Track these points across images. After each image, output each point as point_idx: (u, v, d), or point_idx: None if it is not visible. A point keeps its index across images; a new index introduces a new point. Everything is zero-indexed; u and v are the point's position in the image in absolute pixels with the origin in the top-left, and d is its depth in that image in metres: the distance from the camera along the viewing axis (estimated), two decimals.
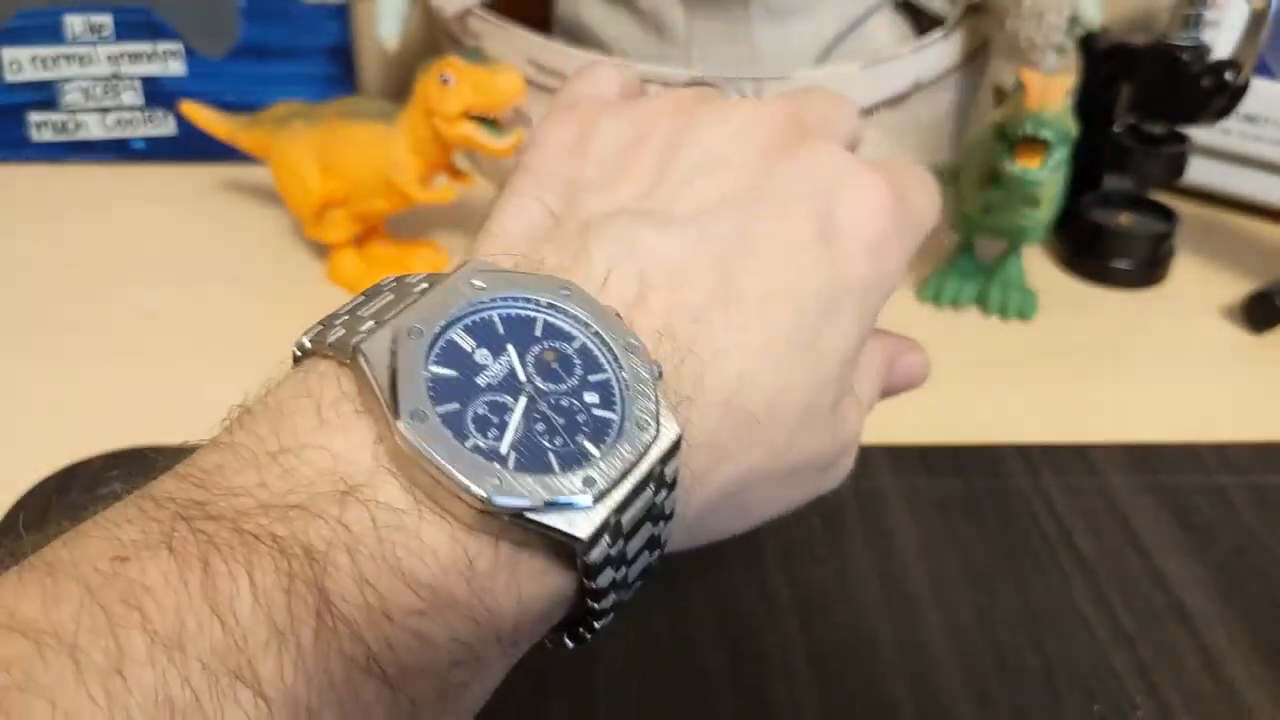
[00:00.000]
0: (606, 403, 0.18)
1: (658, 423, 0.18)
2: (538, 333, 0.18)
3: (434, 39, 0.54)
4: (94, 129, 0.53)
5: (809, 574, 0.30)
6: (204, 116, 0.47)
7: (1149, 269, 0.46)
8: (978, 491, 0.34)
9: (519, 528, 0.16)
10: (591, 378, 0.18)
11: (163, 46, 0.52)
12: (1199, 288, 0.46)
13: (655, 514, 0.18)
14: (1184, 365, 0.41)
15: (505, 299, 0.18)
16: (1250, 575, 0.31)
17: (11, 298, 0.44)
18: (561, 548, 0.17)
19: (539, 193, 0.22)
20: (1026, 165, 0.38)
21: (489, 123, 0.40)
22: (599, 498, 0.17)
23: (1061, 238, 0.47)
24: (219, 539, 0.15)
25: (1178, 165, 0.45)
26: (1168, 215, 0.47)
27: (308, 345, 0.18)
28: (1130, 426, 0.37)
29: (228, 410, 0.18)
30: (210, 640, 0.14)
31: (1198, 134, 0.47)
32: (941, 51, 0.47)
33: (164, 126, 0.53)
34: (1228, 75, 0.42)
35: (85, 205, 0.51)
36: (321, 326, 0.18)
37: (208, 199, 0.51)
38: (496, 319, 0.18)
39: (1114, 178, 0.48)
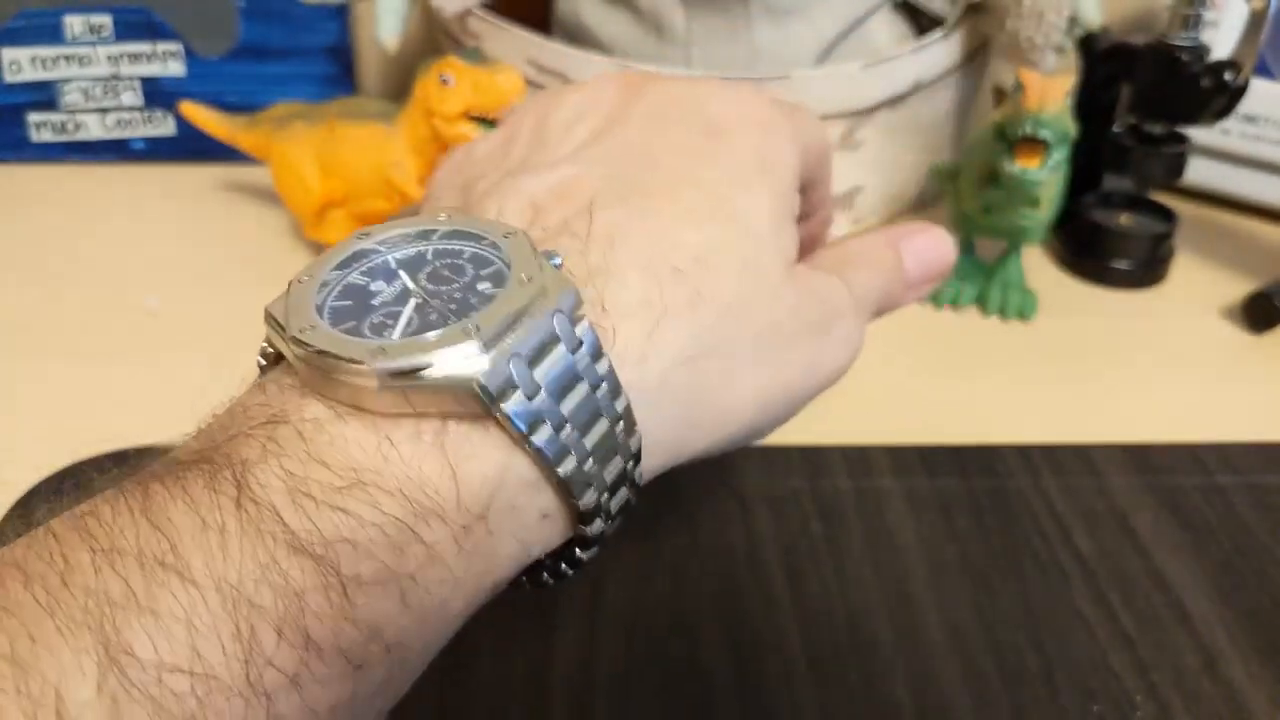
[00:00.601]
0: (497, 283, 0.19)
1: (542, 276, 0.19)
2: (429, 257, 0.20)
3: (433, 39, 0.54)
4: (94, 129, 0.53)
5: (809, 574, 0.30)
6: (203, 117, 0.47)
7: (1149, 269, 0.46)
8: (978, 491, 0.34)
9: (421, 394, 0.17)
10: (483, 272, 0.19)
11: (162, 47, 0.52)
12: (1199, 288, 0.46)
13: (583, 374, 0.18)
14: (1184, 365, 0.41)
15: (395, 241, 0.20)
16: (1250, 575, 0.31)
17: (11, 298, 0.44)
18: (484, 417, 0.17)
19: (436, 203, 0.24)
20: (1026, 165, 0.38)
21: (488, 123, 0.40)
22: (488, 345, 0.17)
23: (1061, 238, 0.47)
24: (161, 474, 0.17)
25: (1177, 165, 0.45)
26: (1167, 215, 0.47)
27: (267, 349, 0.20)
28: (1130, 426, 0.37)
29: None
30: (143, 542, 0.15)
31: (1197, 134, 0.47)
32: (941, 51, 0.47)
33: (163, 127, 0.53)
34: (1227, 75, 0.42)
35: (85, 206, 0.51)
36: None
37: (207, 199, 0.51)
38: (391, 261, 0.20)
39: (1114, 178, 0.48)
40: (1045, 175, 0.38)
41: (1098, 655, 0.28)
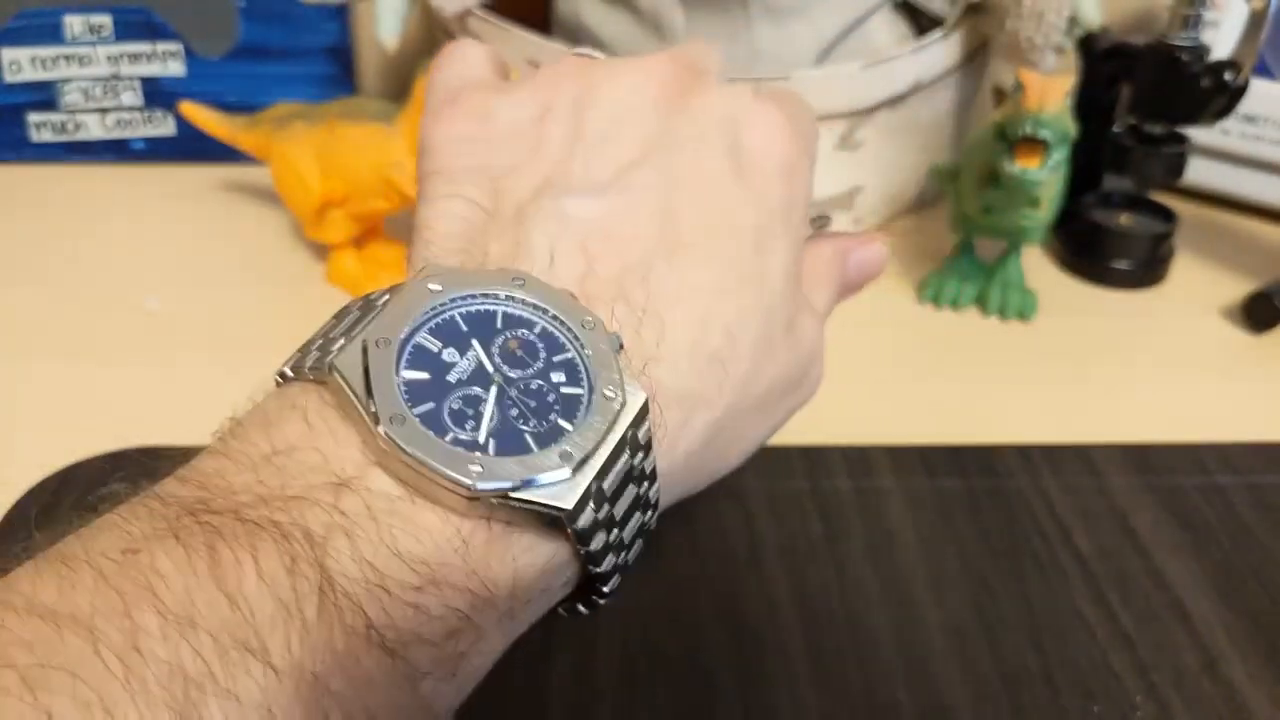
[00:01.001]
0: (574, 380, 0.19)
1: (624, 391, 0.19)
2: (499, 324, 0.19)
3: (433, 39, 0.54)
4: (93, 129, 0.53)
5: (809, 574, 0.30)
6: (203, 117, 0.47)
7: (1148, 269, 0.46)
8: (977, 491, 0.34)
9: (507, 507, 0.17)
10: (556, 358, 0.19)
11: (162, 47, 0.52)
12: (1198, 288, 0.46)
13: (636, 476, 0.19)
14: (1183, 365, 0.41)
15: (463, 298, 0.19)
16: (1249, 575, 0.31)
17: (11, 298, 0.44)
18: (551, 520, 0.18)
19: (457, 190, 0.22)
20: (1026, 165, 0.38)
21: None
22: (577, 468, 0.18)
23: (1061, 238, 0.47)
24: (223, 528, 0.16)
25: (1177, 166, 0.45)
26: (1167, 215, 0.47)
27: (288, 373, 0.19)
28: (1130, 426, 0.37)
29: (219, 422, 0.18)
30: (219, 617, 0.15)
31: (1197, 134, 0.47)
32: (941, 52, 0.47)
33: (163, 127, 0.53)
34: (1227, 75, 0.42)
35: (84, 206, 0.51)
36: (299, 354, 0.19)
37: (207, 199, 0.51)
38: (458, 318, 0.19)
39: (1113, 178, 0.48)
40: (1045, 175, 0.38)
41: (1097, 655, 0.28)
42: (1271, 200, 0.51)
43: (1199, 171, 0.50)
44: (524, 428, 0.18)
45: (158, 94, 0.53)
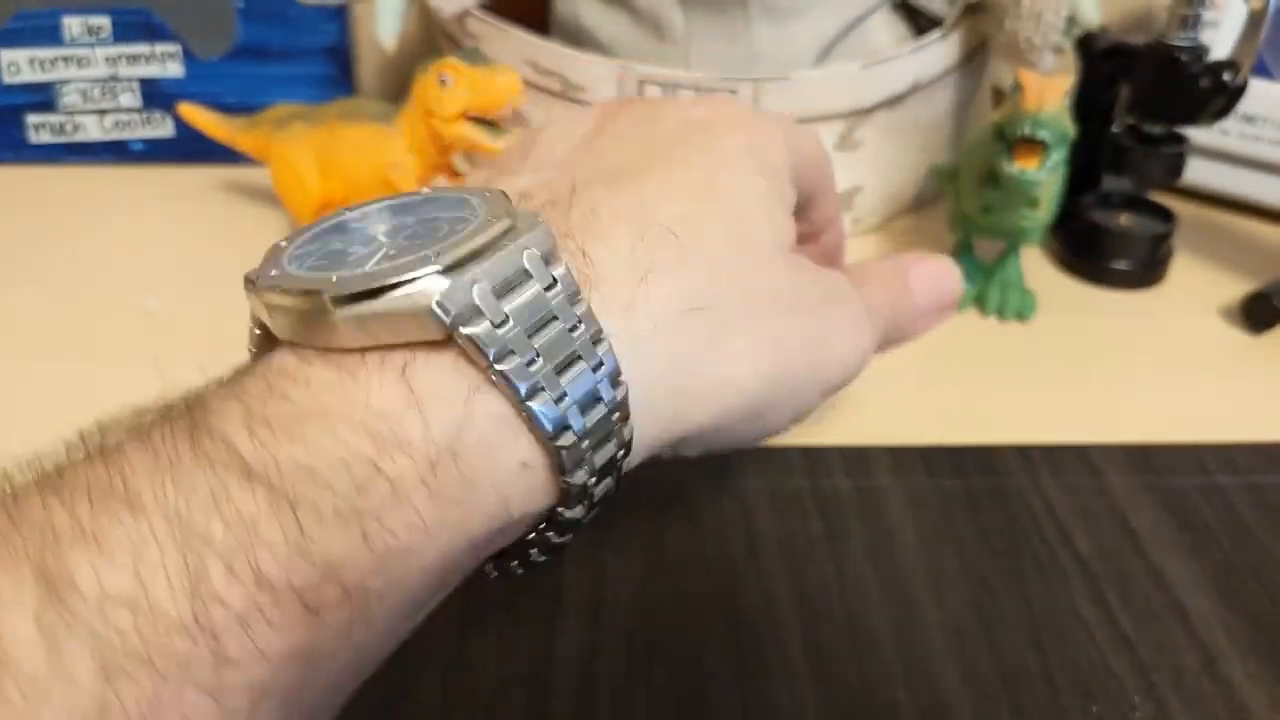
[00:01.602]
0: (463, 210, 0.19)
1: (516, 216, 0.18)
2: (409, 223, 0.20)
3: (432, 40, 0.54)
4: (92, 131, 0.53)
5: (809, 573, 0.30)
6: (202, 118, 0.47)
7: (1148, 269, 0.46)
8: (977, 491, 0.34)
9: (385, 321, 0.17)
10: (458, 226, 0.19)
11: (161, 48, 0.52)
12: (1198, 288, 0.46)
13: (556, 315, 0.18)
14: (1183, 366, 0.41)
15: (375, 213, 0.20)
16: (1249, 575, 0.31)
17: (11, 299, 0.44)
18: (448, 344, 0.17)
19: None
20: (1024, 166, 0.38)
21: (487, 124, 0.40)
22: (448, 268, 0.17)
23: (1060, 238, 0.48)
24: (124, 425, 0.17)
25: (1176, 166, 0.45)
26: (1166, 216, 0.47)
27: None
28: (1129, 426, 0.37)
29: None
30: (93, 477, 0.15)
31: (1196, 134, 0.47)
32: (940, 52, 0.47)
33: (162, 128, 0.53)
34: (1226, 76, 0.42)
35: (84, 207, 0.51)
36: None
37: (206, 200, 0.51)
38: (369, 229, 0.20)
39: (1112, 178, 0.48)
40: (1044, 176, 0.38)
41: (1097, 655, 0.28)
42: (1271, 200, 0.51)
43: (1198, 171, 0.50)
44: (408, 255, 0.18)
45: (156, 95, 0.53)
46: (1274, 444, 0.36)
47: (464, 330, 0.17)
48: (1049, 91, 0.38)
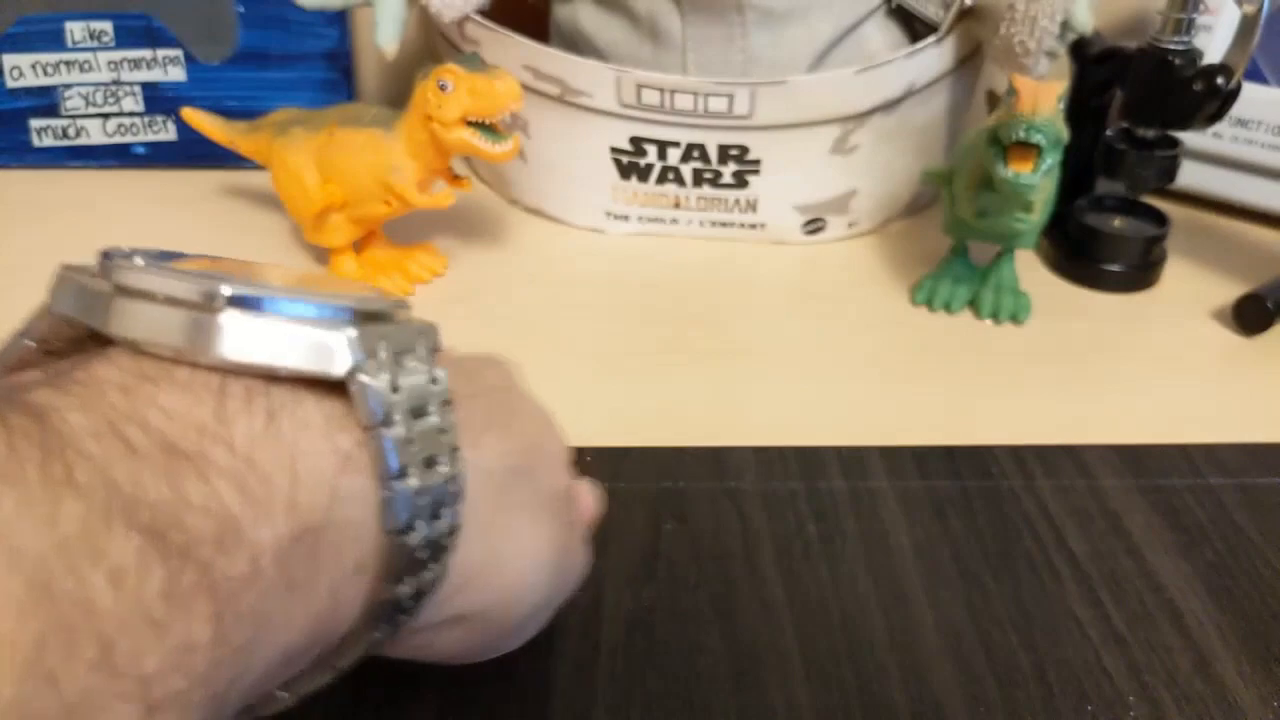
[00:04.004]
0: None
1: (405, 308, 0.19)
2: None
3: (432, 45, 0.54)
4: (95, 135, 0.53)
5: (804, 574, 0.31)
6: (204, 122, 0.47)
7: (1141, 272, 0.47)
8: (971, 492, 0.34)
9: (275, 343, 0.16)
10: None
11: (163, 53, 0.52)
12: (1190, 291, 0.46)
13: (432, 409, 0.18)
14: (1175, 368, 0.42)
15: None
16: (1241, 575, 0.31)
17: (13, 302, 0.44)
18: (326, 405, 0.16)
19: None
20: (1019, 170, 0.38)
21: (487, 128, 0.41)
22: (360, 315, 0.17)
23: (1054, 241, 0.48)
24: None
25: (1169, 169, 0.45)
26: (1160, 219, 0.48)
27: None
28: (1122, 428, 0.38)
29: None
30: None
31: (1189, 138, 0.47)
32: (935, 56, 0.47)
33: (164, 132, 0.54)
34: (1219, 80, 0.42)
35: (86, 210, 0.51)
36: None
37: (208, 204, 0.52)
38: None
39: (1106, 182, 0.48)
40: (1038, 179, 0.39)
41: (1090, 655, 0.28)
42: (1263, 203, 0.51)
43: (1191, 175, 0.51)
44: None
45: (158, 99, 0.53)
46: (1266, 445, 0.37)
47: (362, 378, 0.16)
48: (1043, 96, 0.38)
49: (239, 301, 0.16)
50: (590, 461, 0.35)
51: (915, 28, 0.50)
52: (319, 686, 0.19)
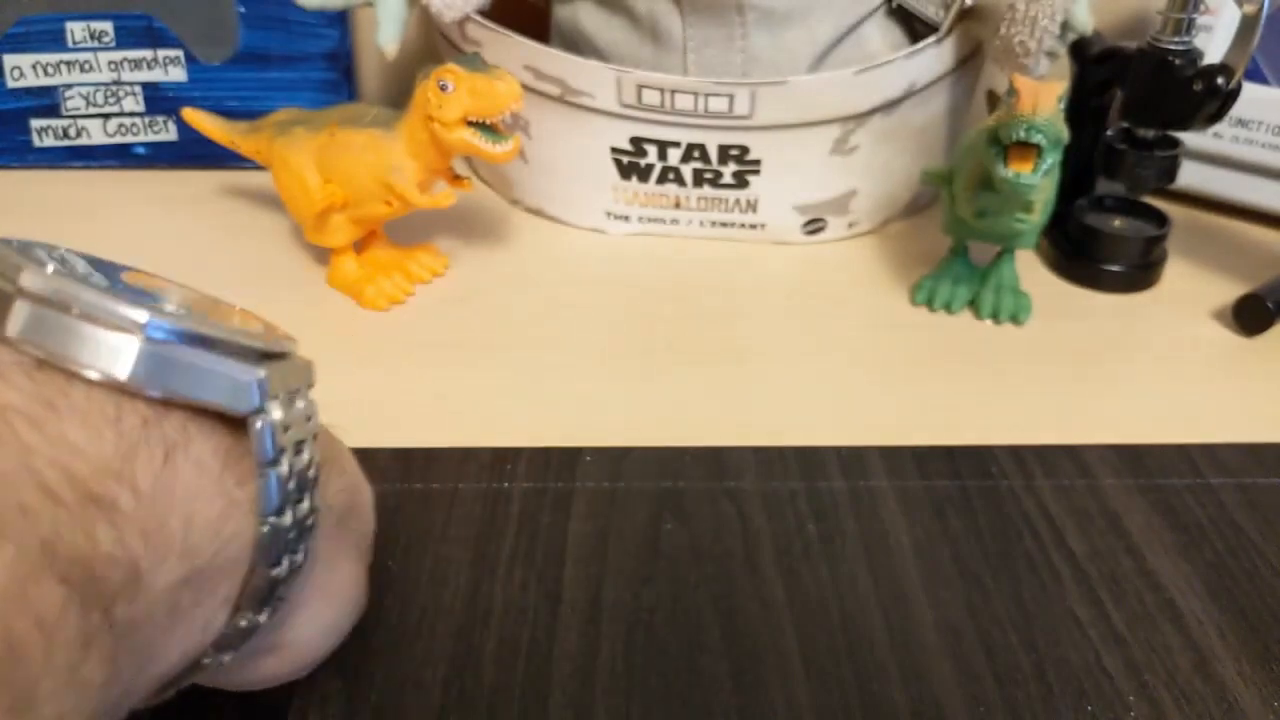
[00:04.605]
0: None
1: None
2: None
3: (433, 46, 0.54)
4: (95, 135, 0.53)
5: (804, 574, 0.31)
6: (205, 123, 0.47)
7: (1141, 272, 0.47)
8: (971, 492, 0.34)
9: (184, 375, 0.16)
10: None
11: (163, 53, 0.52)
12: (1190, 291, 0.46)
13: (306, 448, 0.19)
14: (1175, 367, 0.42)
15: None
16: (1241, 575, 0.31)
17: None
18: (222, 442, 0.17)
19: None
20: (1019, 170, 0.38)
21: (487, 128, 0.41)
22: (265, 355, 0.18)
23: (1054, 241, 0.48)
24: None
25: (1170, 169, 0.45)
26: (1160, 219, 0.48)
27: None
28: (1122, 428, 0.38)
29: None
30: None
31: (1189, 138, 0.47)
32: (935, 57, 0.47)
33: (165, 132, 0.54)
34: (1219, 80, 0.42)
35: (87, 211, 0.51)
36: None
37: (209, 204, 0.52)
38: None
39: (1106, 182, 0.48)
40: (1038, 180, 0.39)
41: (1090, 655, 0.28)
42: (1263, 203, 0.51)
43: (1191, 175, 0.51)
44: None
45: (159, 100, 0.53)
46: (1266, 445, 0.37)
47: (262, 419, 0.17)
48: (1043, 96, 0.38)
49: (157, 329, 0.16)
50: (590, 461, 0.35)
51: (915, 28, 0.50)
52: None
